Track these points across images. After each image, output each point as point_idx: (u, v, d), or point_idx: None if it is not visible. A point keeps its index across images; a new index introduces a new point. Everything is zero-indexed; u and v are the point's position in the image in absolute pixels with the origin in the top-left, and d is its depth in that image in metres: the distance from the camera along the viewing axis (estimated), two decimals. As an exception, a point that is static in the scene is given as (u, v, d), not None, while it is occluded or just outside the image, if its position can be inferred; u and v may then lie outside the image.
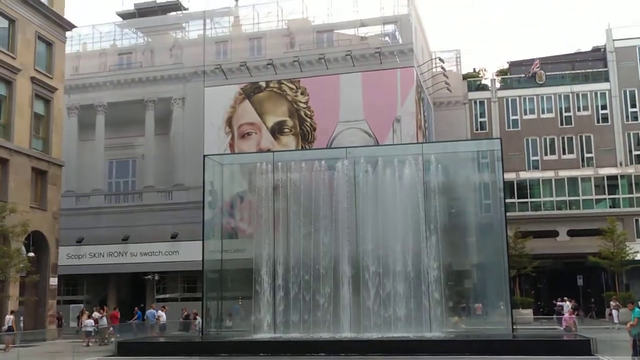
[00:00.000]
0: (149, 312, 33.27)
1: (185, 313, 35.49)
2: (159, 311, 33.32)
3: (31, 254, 30.18)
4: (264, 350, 23.86)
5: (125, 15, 48.69)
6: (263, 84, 43.32)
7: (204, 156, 31.62)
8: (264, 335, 27.35)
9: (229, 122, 43.34)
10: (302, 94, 42.62)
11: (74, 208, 43.24)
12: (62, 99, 36.19)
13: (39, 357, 22.50)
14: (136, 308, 37.28)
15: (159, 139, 44.57)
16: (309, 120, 42.36)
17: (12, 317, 28.01)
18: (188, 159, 42.11)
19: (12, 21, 31.81)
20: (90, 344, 28.49)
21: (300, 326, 27.73)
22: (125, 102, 44.92)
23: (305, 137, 42.22)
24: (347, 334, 26.48)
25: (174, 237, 41.89)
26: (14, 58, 31.65)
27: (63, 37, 35.76)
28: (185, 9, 48.16)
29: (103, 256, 42.83)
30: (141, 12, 48.17)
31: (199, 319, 30.99)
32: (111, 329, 30.19)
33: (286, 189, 29.84)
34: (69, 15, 35.76)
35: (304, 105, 42.49)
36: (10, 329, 27.21)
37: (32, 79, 32.79)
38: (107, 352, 24.61)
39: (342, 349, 23.26)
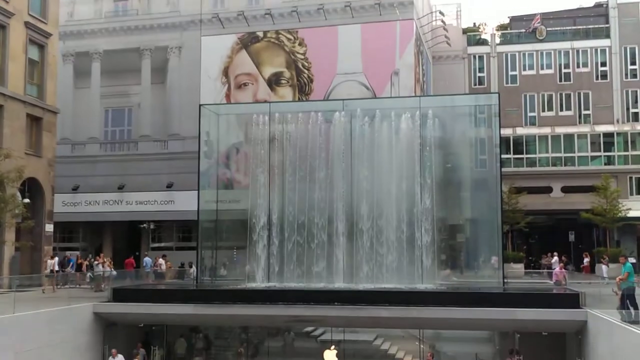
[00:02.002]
0: (146, 259, 33.53)
1: (163, 260, 35.20)
2: (160, 259, 33.77)
3: (26, 200, 30.27)
4: (258, 298, 24.21)
5: (121, -39, 47.73)
6: (260, 34, 42.79)
7: (200, 105, 31.48)
8: (258, 284, 27.70)
9: (226, 73, 42.97)
10: (299, 45, 42.16)
11: (70, 156, 43.18)
12: (56, 44, 35.71)
13: (35, 302, 22.74)
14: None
15: (155, 88, 44.22)
16: (306, 72, 42.01)
17: (53, 261, 30.51)
18: (184, 109, 41.91)
19: (5, -36, 31.16)
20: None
21: (293, 276, 28.07)
22: (121, 50, 44.41)
23: (303, 89, 41.94)
24: (340, 284, 26.83)
25: (169, 187, 41.99)
26: (6, 2, 31.07)
27: (57, -19, 35.11)
28: (183, -45, 47.20)
29: (99, 204, 42.98)
30: (137, -43, 47.22)
31: (193, 267, 31.28)
32: (113, 272, 30.57)
33: (282, 140, 29.80)
34: (63, -41, 34.97)
35: (302, 57, 42.08)
36: (52, 272, 29.53)
37: (26, 23, 32.27)
38: (102, 298, 24.91)
39: (335, 299, 23.60)
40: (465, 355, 27.02)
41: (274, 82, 42.35)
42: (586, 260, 37.81)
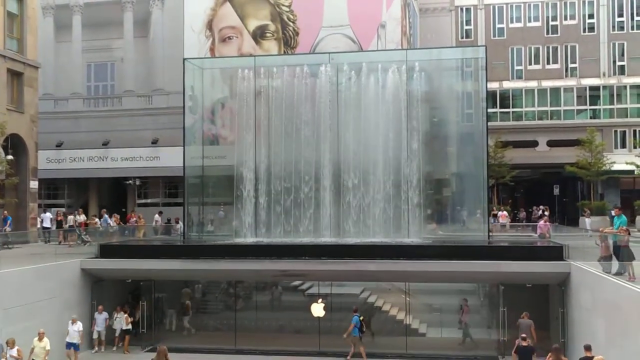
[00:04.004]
0: (105, 216, 33.31)
1: (134, 218, 35.05)
2: (156, 215, 33.97)
3: (10, 157, 29.96)
4: (246, 253, 24.30)
5: None
6: (245, -14, 41.97)
7: (184, 59, 31.02)
8: (246, 239, 27.78)
9: (210, 26, 42.22)
10: (284, -4, 41.44)
11: (53, 112, 42.58)
12: (35, -3, 34.91)
13: (23, 258, 22.70)
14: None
15: (137, 42, 43.44)
16: (291, 24, 41.38)
17: (72, 217, 31.58)
18: (168, 63, 41.26)
19: None
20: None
21: (281, 231, 28.15)
22: (102, 3, 43.42)
23: (288, 42, 41.37)
24: (327, 239, 26.96)
25: (154, 143, 41.65)
26: (-17, -47, 30.24)
27: None
28: None
29: (83, 161, 42.63)
30: None
31: (180, 223, 31.29)
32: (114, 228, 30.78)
33: (268, 94, 29.51)
34: None
35: (287, 9, 41.38)
36: (71, 227, 30.35)
37: (3, -25, 31.48)
38: (89, 255, 24.88)
39: (322, 253, 23.73)
40: (451, 307, 27.39)
41: (258, 35, 41.72)
42: (546, 213, 38.27)
